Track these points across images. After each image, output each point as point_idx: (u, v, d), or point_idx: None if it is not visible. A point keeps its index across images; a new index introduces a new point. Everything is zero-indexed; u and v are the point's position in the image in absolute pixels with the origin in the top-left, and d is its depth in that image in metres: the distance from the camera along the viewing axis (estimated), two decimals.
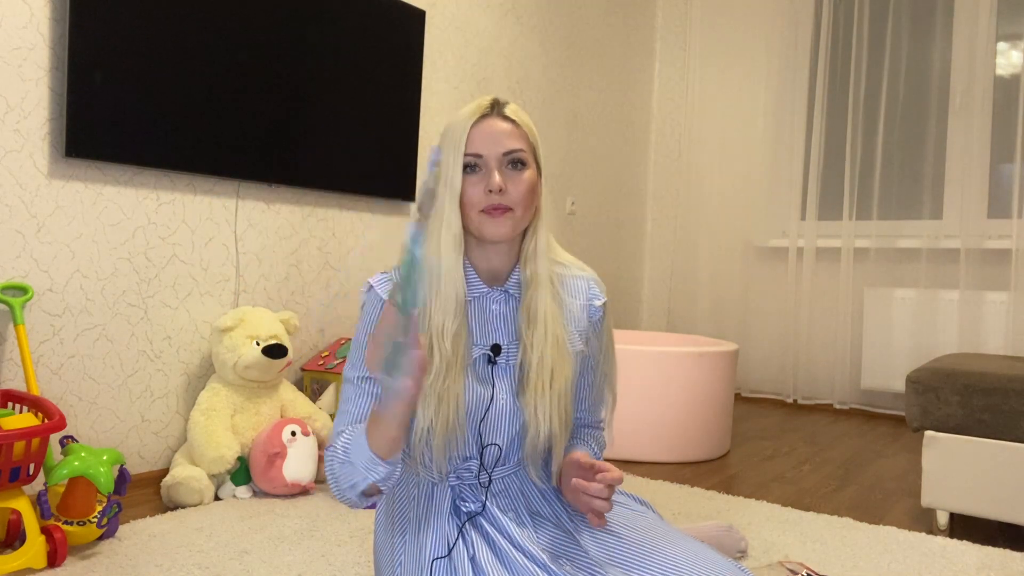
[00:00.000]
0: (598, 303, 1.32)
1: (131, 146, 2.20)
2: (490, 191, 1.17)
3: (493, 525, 1.19)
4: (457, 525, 1.20)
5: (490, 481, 1.25)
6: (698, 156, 4.65)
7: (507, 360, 1.24)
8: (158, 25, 2.24)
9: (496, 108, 1.23)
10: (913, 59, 3.99)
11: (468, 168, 1.19)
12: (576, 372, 1.29)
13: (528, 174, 1.21)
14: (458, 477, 1.25)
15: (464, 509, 1.22)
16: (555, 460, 1.28)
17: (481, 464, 1.25)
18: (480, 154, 1.19)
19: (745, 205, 4.47)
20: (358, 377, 1.23)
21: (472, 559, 1.16)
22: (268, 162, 2.56)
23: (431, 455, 1.20)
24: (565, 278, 1.30)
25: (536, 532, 1.21)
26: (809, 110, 4.24)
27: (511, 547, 1.16)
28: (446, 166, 1.20)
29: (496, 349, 1.24)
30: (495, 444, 1.25)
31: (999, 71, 3.76)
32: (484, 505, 1.22)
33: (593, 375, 1.35)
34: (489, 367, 1.24)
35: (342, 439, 1.16)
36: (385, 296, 1.21)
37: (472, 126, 1.20)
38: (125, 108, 2.18)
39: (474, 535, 1.19)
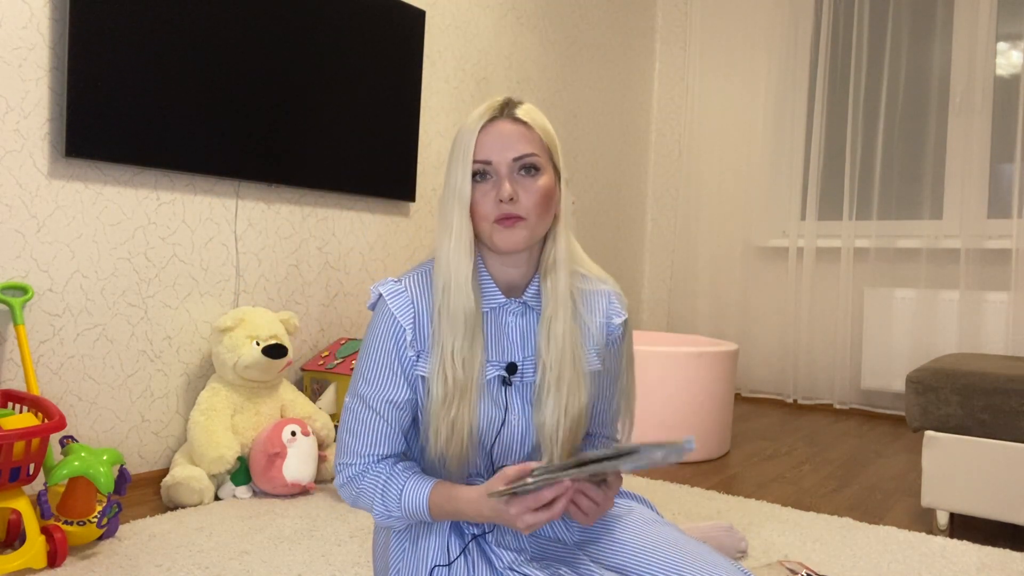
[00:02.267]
0: (617, 321, 1.25)
1: (131, 146, 2.20)
2: (501, 200, 1.11)
3: (492, 549, 1.18)
4: (458, 542, 1.18)
5: None
6: (698, 156, 4.65)
7: (522, 378, 1.19)
8: (158, 25, 2.24)
9: (506, 109, 1.15)
10: (913, 59, 3.99)
11: (477, 176, 1.13)
12: (591, 395, 1.23)
13: (543, 180, 1.14)
14: None
15: (468, 531, 1.19)
16: None
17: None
18: (489, 160, 1.12)
19: (745, 205, 4.47)
20: (375, 398, 1.17)
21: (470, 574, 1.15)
22: (268, 162, 2.56)
23: (444, 477, 1.18)
24: (585, 292, 1.23)
25: (533, 552, 1.20)
26: (809, 110, 4.24)
27: (510, 571, 1.14)
28: (455, 174, 1.13)
29: (511, 368, 1.18)
30: (505, 466, 1.20)
31: (999, 71, 3.76)
32: (486, 529, 1.19)
33: (610, 392, 1.29)
34: (503, 388, 1.18)
35: (398, 489, 1.15)
36: (397, 313, 1.16)
37: (481, 130, 1.13)
38: (125, 108, 2.18)
39: (476, 554, 1.17)
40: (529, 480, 1.00)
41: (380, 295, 1.18)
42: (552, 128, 1.19)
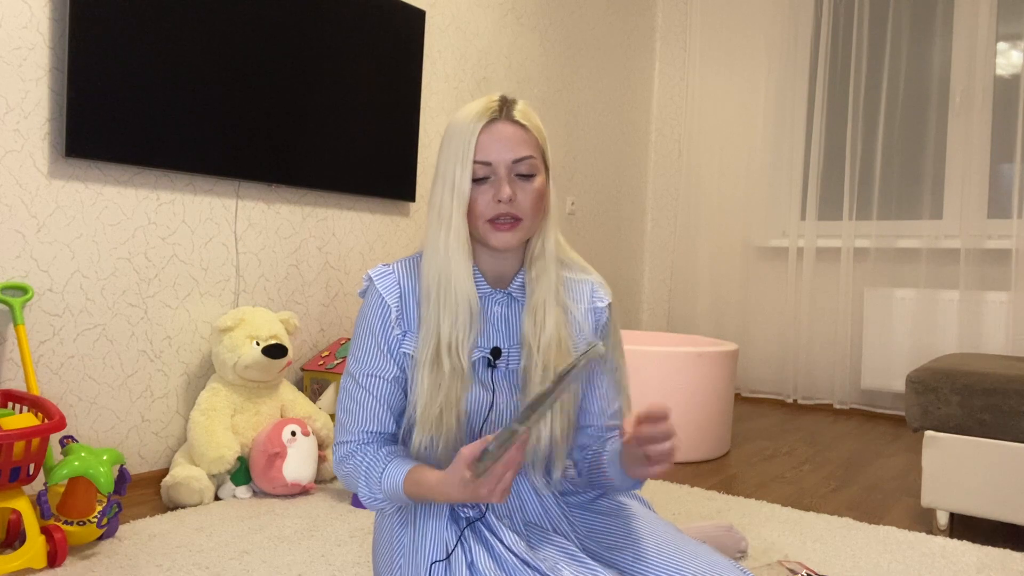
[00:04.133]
0: (601, 304, 1.30)
1: (131, 146, 2.20)
2: (499, 201, 1.14)
3: (492, 532, 1.18)
4: (455, 531, 1.19)
5: None
6: (698, 156, 4.65)
7: (507, 364, 1.23)
8: (158, 25, 2.24)
9: (505, 110, 1.19)
10: (913, 59, 3.99)
11: (478, 176, 1.16)
12: (580, 384, 1.27)
13: (538, 182, 1.18)
14: None
15: (463, 515, 1.20)
16: (556, 467, 1.26)
17: None
18: (489, 162, 1.15)
19: (745, 205, 4.47)
20: (364, 375, 1.22)
21: (470, 565, 1.15)
22: (268, 162, 2.56)
23: (434, 463, 1.19)
24: (569, 281, 1.28)
25: (531, 539, 1.20)
26: (809, 110, 4.24)
27: (510, 554, 1.14)
28: (451, 171, 1.17)
29: (496, 352, 1.22)
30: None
31: (999, 71, 3.76)
32: (484, 512, 1.20)
33: (604, 380, 1.31)
34: (489, 371, 1.22)
35: (380, 473, 1.18)
36: (384, 292, 1.21)
37: (481, 130, 1.16)
38: (125, 108, 2.18)
39: (473, 541, 1.18)
40: (490, 448, 1.01)
41: (371, 278, 1.24)
42: (543, 126, 1.23)
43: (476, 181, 1.16)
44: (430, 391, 1.17)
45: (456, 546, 1.17)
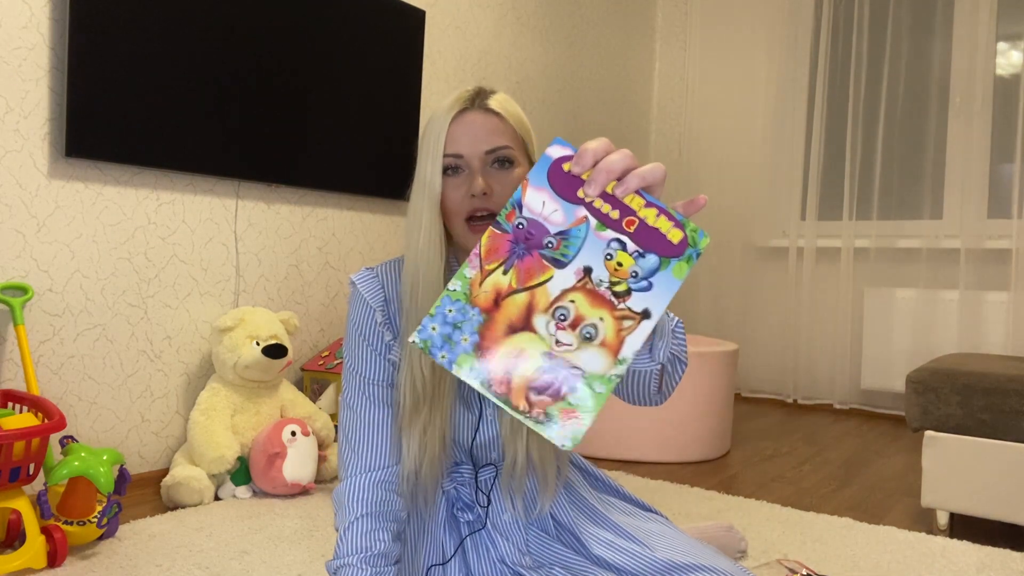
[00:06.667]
0: None
1: (131, 146, 2.20)
2: (473, 195, 1.06)
3: (493, 544, 1.16)
4: (455, 538, 1.17)
5: (488, 502, 1.18)
6: (698, 156, 4.65)
7: None
8: (158, 25, 2.24)
9: (478, 100, 1.10)
10: (913, 59, 3.98)
11: (449, 170, 1.08)
12: None
13: (517, 172, 1.08)
14: (451, 479, 1.20)
15: (462, 519, 1.18)
16: (543, 495, 1.17)
17: (478, 487, 1.19)
18: (460, 154, 1.07)
19: (745, 205, 4.47)
20: (367, 382, 1.13)
21: (468, 574, 1.14)
22: (268, 162, 2.56)
23: (420, 489, 1.13)
24: None
25: (530, 545, 1.19)
26: (809, 110, 4.24)
27: (506, 568, 1.13)
28: (424, 168, 1.09)
29: None
30: (490, 465, 1.18)
31: (999, 71, 3.76)
32: (485, 522, 1.18)
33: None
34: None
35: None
36: (367, 295, 1.14)
37: (452, 122, 1.08)
38: (125, 108, 2.18)
39: (472, 550, 1.16)
40: None
41: (353, 283, 1.17)
42: (526, 118, 1.14)
43: (450, 176, 1.08)
44: (411, 409, 1.09)
45: (455, 553, 1.16)
